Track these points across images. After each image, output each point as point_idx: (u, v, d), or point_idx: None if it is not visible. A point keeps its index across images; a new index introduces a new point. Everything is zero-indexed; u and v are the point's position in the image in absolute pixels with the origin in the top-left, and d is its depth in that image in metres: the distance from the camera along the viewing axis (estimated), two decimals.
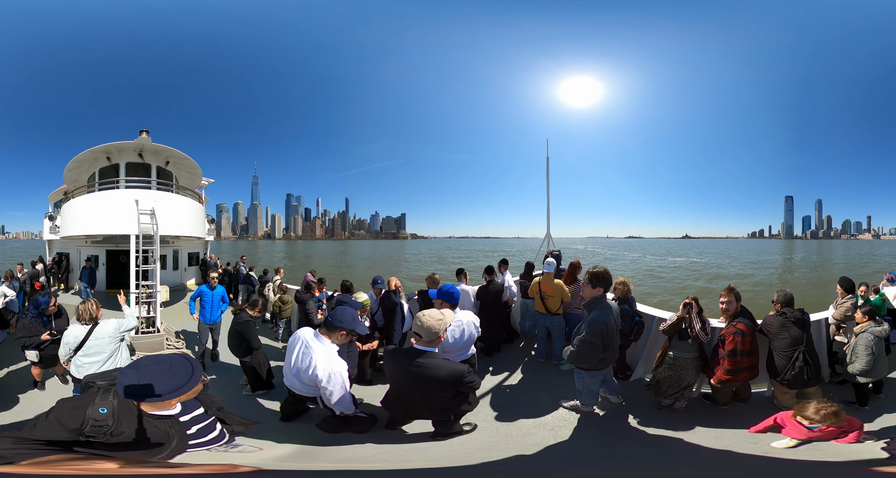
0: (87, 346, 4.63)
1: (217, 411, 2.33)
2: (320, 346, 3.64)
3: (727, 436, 4.12)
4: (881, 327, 4.62)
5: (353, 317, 3.75)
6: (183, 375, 1.90)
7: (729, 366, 4.31)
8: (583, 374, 4.39)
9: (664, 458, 3.36)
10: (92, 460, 1.74)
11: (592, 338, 4.02)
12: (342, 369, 3.63)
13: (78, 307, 4.83)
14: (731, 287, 4.65)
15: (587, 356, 4.14)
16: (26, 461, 1.61)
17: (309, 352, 3.62)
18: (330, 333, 3.68)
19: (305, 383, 3.72)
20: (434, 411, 3.79)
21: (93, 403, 1.88)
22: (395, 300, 5.99)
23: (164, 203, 10.41)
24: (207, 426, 2.15)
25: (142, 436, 1.85)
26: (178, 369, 1.92)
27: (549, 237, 11.08)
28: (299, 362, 3.67)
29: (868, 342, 4.52)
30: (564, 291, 6.03)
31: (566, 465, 3.25)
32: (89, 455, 1.77)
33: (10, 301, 8.25)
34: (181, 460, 1.90)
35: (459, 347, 4.30)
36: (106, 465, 1.71)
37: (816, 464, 2.61)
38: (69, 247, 13.96)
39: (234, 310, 5.84)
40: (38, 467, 1.60)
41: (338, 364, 3.62)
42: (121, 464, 1.73)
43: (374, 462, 2.91)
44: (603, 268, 4.19)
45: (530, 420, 4.56)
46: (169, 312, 9.72)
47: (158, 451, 1.86)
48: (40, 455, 1.68)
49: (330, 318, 3.75)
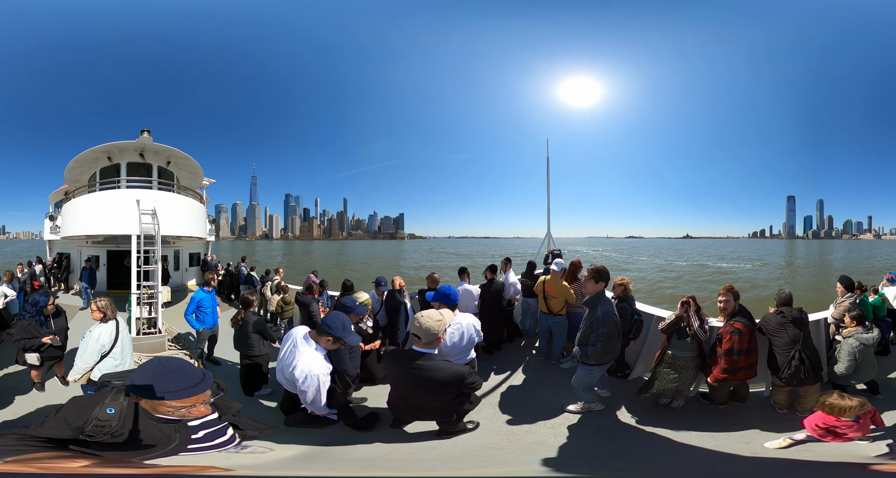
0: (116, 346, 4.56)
1: (232, 417, 2.32)
2: (305, 347, 3.65)
3: (722, 436, 4.14)
4: (869, 334, 4.56)
5: (344, 325, 3.70)
6: (189, 380, 1.88)
7: (725, 365, 4.33)
8: (593, 369, 4.43)
9: (655, 457, 3.39)
10: (62, 459, 1.73)
11: (611, 330, 4.20)
12: (321, 373, 3.60)
13: (98, 305, 4.66)
14: (729, 286, 4.66)
15: (611, 349, 4.29)
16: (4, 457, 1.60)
17: (295, 351, 3.66)
18: (318, 337, 3.69)
19: (288, 380, 3.76)
20: (436, 412, 3.82)
21: (102, 402, 1.88)
22: (400, 299, 6.01)
23: (166, 203, 10.39)
24: (217, 431, 2.14)
25: (135, 437, 1.84)
26: (188, 373, 1.90)
27: (549, 237, 11.11)
28: (285, 358, 3.72)
29: (852, 348, 4.50)
30: (569, 294, 6.06)
31: (563, 462, 3.29)
32: (64, 454, 1.76)
33: (10, 301, 8.23)
34: (163, 462, 1.87)
35: (458, 352, 4.22)
36: (72, 464, 1.71)
37: (811, 464, 2.61)
38: (70, 247, 13.97)
39: (237, 314, 5.78)
40: (7, 465, 1.58)
41: (318, 367, 3.59)
42: (92, 462, 1.73)
43: (379, 463, 2.93)
44: (602, 265, 4.45)
45: (531, 418, 4.59)
46: (170, 313, 9.73)
47: (148, 452, 1.84)
48: (33, 453, 1.68)
49: (321, 322, 3.75)
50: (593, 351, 4.26)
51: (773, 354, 4.45)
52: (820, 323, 5.35)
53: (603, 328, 4.18)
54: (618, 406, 4.80)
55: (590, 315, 4.36)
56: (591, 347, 4.29)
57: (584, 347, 4.37)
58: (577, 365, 4.59)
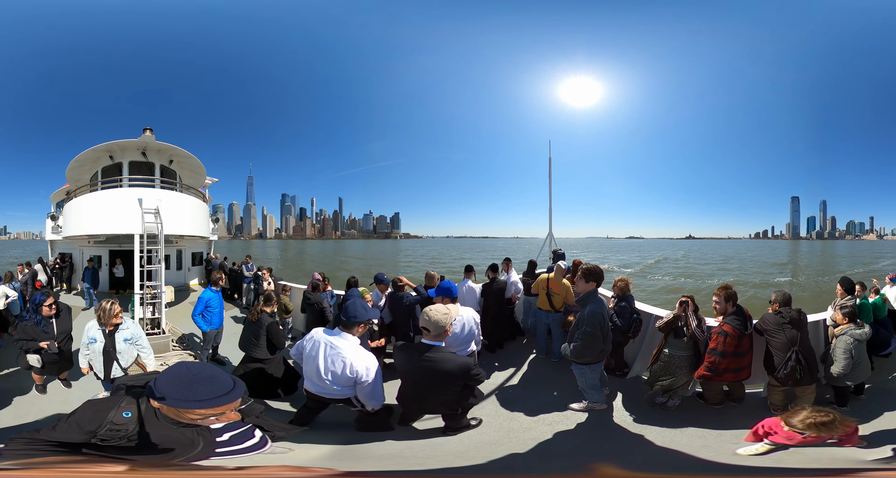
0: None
1: (256, 419, 2.29)
2: (346, 343, 3.69)
3: (713, 436, 4.17)
4: (861, 330, 4.52)
5: (364, 307, 3.83)
6: (221, 388, 1.81)
7: (707, 364, 4.37)
8: (584, 369, 4.47)
9: (626, 456, 3.44)
10: (98, 462, 1.70)
11: (594, 329, 4.19)
12: (374, 360, 3.71)
13: (114, 309, 4.77)
14: (724, 286, 4.66)
15: (591, 348, 4.27)
16: (14, 461, 1.57)
17: (337, 351, 3.65)
18: (349, 330, 3.76)
19: (342, 385, 3.70)
20: (445, 405, 3.89)
21: (118, 406, 1.83)
22: (411, 298, 6.01)
23: (169, 202, 10.36)
24: (244, 433, 2.09)
25: (153, 441, 1.79)
26: (220, 381, 1.83)
27: (550, 237, 11.18)
28: (329, 364, 3.66)
29: (847, 346, 4.43)
30: (570, 292, 6.09)
31: (551, 459, 3.35)
32: (96, 457, 1.71)
33: (11, 302, 8.19)
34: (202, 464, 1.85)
35: (459, 342, 4.38)
36: (114, 468, 1.67)
37: (783, 471, 2.56)
38: (72, 247, 13.96)
39: (251, 312, 5.67)
40: (35, 470, 1.57)
41: (369, 356, 3.71)
42: (129, 467, 1.69)
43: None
44: (595, 265, 4.53)
45: (530, 416, 4.65)
46: (173, 313, 9.74)
47: (169, 456, 1.80)
48: (42, 457, 1.64)
49: (343, 316, 3.82)
50: (573, 349, 4.31)
51: (769, 355, 4.46)
52: (819, 324, 5.36)
53: (586, 327, 4.21)
54: (615, 405, 4.85)
55: (580, 314, 4.43)
56: (567, 344, 4.38)
57: (567, 345, 4.44)
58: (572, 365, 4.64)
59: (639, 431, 4.33)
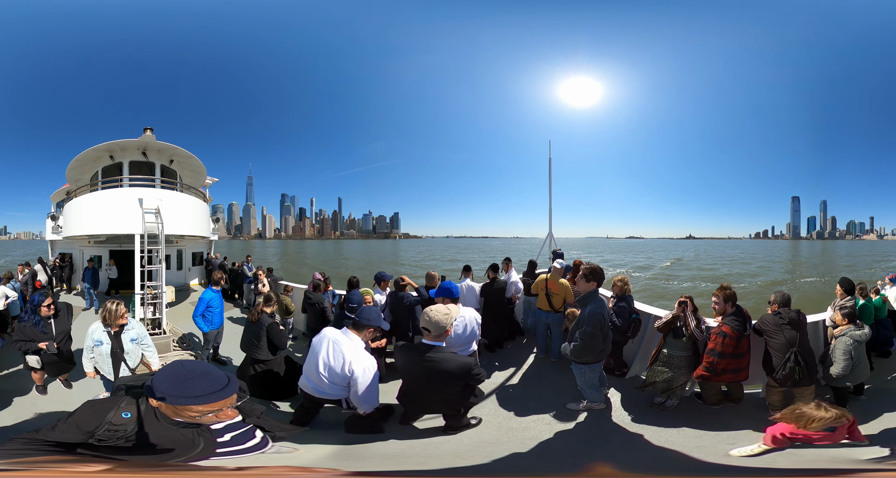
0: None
1: (257, 419, 2.31)
2: (350, 342, 3.76)
3: (709, 436, 4.17)
4: (861, 331, 4.52)
5: (379, 315, 3.99)
6: (215, 384, 1.83)
7: (705, 364, 4.39)
8: (583, 368, 4.48)
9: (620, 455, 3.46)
10: (81, 462, 1.69)
11: (594, 329, 4.20)
12: (373, 364, 3.77)
13: (120, 309, 4.77)
14: (723, 286, 4.66)
15: (591, 348, 4.28)
16: (9, 461, 1.56)
17: (339, 348, 3.72)
18: (358, 331, 3.84)
19: (335, 383, 3.77)
20: (446, 404, 3.92)
21: (117, 407, 1.84)
22: (412, 299, 6.04)
23: (169, 202, 10.35)
24: (245, 434, 2.10)
25: (151, 441, 1.79)
26: (213, 377, 1.85)
27: (550, 237, 11.20)
28: (329, 359, 3.74)
29: (846, 346, 4.43)
30: (569, 292, 6.11)
31: (550, 458, 3.37)
32: (83, 457, 1.70)
33: (11, 302, 8.19)
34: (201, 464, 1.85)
35: (462, 343, 4.41)
36: (94, 467, 1.67)
37: (777, 471, 2.54)
38: (72, 247, 13.98)
39: (251, 313, 5.67)
40: (26, 471, 1.56)
41: (369, 359, 3.77)
42: (110, 467, 1.69)
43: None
44: (596, 264, 4.55)
45: (530, 415, 4.66)
46: (174, 313, 9.74)
47: (168, 456, 1.80)
48: (38, 456, 1.64)
49: (357, 317, 3.93)
50: (573, 348, 4.32)
51: (768, 355, 4.46)
52: (819, 325, 5.37)
53: (586, 327, 4.22)
54: (613, 405, 4.86)
55: (581, 313, 4.43)
56: (566, 344, 4.39)
57: (567, 344, 4.45)
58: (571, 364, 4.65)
59: (637, 430, 4.34)
